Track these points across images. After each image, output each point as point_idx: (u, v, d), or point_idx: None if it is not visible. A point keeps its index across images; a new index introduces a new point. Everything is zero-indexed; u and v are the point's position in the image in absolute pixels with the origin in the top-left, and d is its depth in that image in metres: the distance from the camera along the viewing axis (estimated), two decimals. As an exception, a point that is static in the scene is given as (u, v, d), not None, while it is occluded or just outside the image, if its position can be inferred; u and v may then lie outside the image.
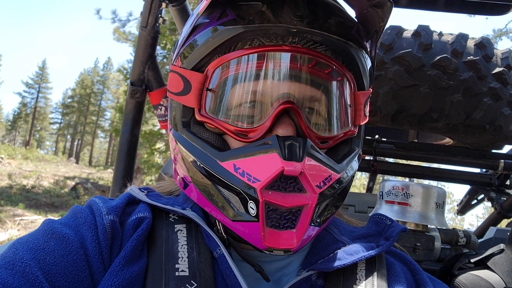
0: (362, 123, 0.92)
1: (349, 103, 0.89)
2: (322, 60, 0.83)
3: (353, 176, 0.92)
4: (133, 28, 19.70)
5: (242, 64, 0.82)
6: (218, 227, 0.87)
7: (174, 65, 0.92)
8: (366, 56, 0.91)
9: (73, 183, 22.68)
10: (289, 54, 0.81)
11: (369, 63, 0.92)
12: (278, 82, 0.81)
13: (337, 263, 0.83)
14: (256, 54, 0.81)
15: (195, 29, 0.87)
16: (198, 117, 0.86)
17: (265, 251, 0.77)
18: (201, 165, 0.83)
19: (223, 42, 0.82)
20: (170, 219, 0.90)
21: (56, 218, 0.87)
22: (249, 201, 0.76)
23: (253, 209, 0.76)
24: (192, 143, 0.85)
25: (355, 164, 0.90)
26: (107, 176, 28.32)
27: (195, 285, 0.77)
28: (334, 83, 0.86)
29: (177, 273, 0.78)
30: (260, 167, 0.76)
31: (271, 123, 0.79)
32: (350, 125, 0.90)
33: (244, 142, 0.82)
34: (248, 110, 0.83)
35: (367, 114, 0.94)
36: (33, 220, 13.43)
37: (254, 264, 0.83)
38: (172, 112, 0.92)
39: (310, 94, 0.83)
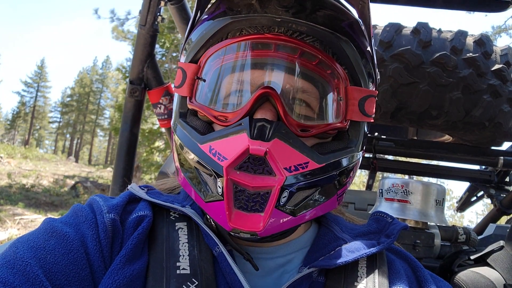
0: (355, 119, 0.89)
1: (339, 96, 0.87)
2: (308, 50, 0.83)
3: (348, 173, 0.89)
4: (132, 26, 19.69)
5: (228, 54, 0.86)
6: (208, 216, 0.88)
7: (179, 61, 0.96)
8: (363, 52, 0.89)
9: (73, 182, 22.67)
10: (271, 42, 0.82)
11: (366, 61, 0.90)
12: (260, 70, 0.83)
13: (338, 260, 0.83)
14: (240, 44, 0.84)
15: (194, 26, 0.92)
16: (189, 106, 0.90)
17: (231, 233, 0.78)
18: (186, 150, 0.86)
19: (214, 33, 0.86)
20: (171, 217, 0.90)
21: (56, 217, 0.87)
22: (218, 180, 0.78)
23: (220, 188, 0.77)
24: (183, 131, 0.88)
25: (346, 160, 0.87)
26: (106, 174, 28.32)
27: (196, 283, 0.77)
28: (321, 74, 0.85)
29: (178, 271, 0.78)
30: (229, 147, 0.78)
31: (250, 107, 0.80)
32: (338, 118, 0.88)
33: (224, 126, 0.83)
34: (232, 97, 0.85)
35: (368, 113, 0.90)
36: (33, 219, 13.43)
37: (243, 252, 0.84)
38: (174, 105, 0.96)
39: (293, 83, 0.83)
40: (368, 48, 0.90)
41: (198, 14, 0.92)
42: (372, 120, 0.93)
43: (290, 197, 0.79)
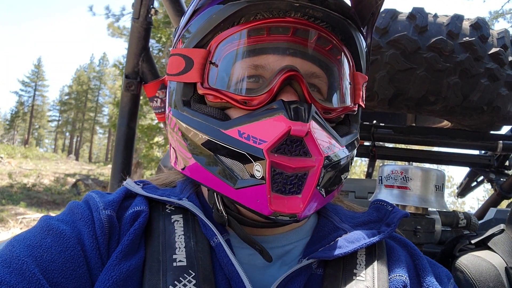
0: (360, 103, 0.93)
1: (348, 80, 0.91)
2: (324, 35, 0.85)
3: (353, 158, 0.92)
4: (127, 22, 19.59)
5: (246, 38, 0.84)
6: (219, 206, 0.86)
7: (175, 48, 0.93)
8: (362, 39, 0.93)
9: (74, 180, 22.71)
10: (293, 26, 0.83)
11: (365, 47, 0.94)
12: (282, 55, 0.83)
13: (337, 251, 0.83)
14: (260, 27, 0.83)
15: (196, 11, 0.89)
16: (200, 91, 0.85)
17: (271, 217, 0.76)
18: (203, 137, 0.82)
19: (226, 17, 0.83)
20: (167, 210, 0.89)
21: (52, 215, 0.87)
22: (255, 164, 0.76)
23: (259, 172, 0.75)
24: (194, 118, 0.84)
25: (353, 144, 0.91)
26: (107, 172, 28.33)
27: (193, 274, 0.77)
28: (335, 58, 0.88)
29: (174, 264, 0.78)
30: (266, 129, 0.76)
31: (277, 90, 0.80)
32: (350, 102, 0.91)
33: (247, 110, 0.81)
34: (253, 82, 0.84)
35: (364, 98, 0.95)
36: (35, 218, 13.46)
37: (256, 242, 0.82)
38: (171, 95, 0.92)
39: (312, 67, 0.85)
40: (370, 36, 0.94)
41: (197, 1, 0.89)
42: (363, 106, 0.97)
43: (325, 179, 0.81)
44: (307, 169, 0.76)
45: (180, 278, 0.76)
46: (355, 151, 0.92)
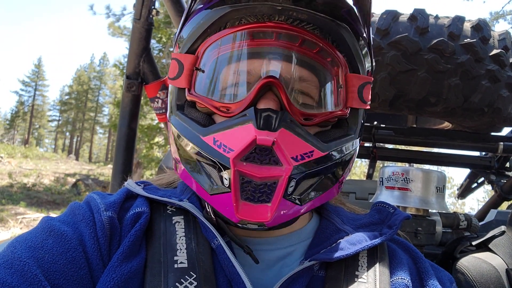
0: (355, 106, 0.89)
1: (339, 84, 0.88)
2: (309, 39, 0.83)
3: (349, 160, 0.90)
4: (127, 22, 19.59)
5: (228, 43, 0.84)
6: (208, 209, 0.87)
7: (173, 52, 0.95)
8: (360, 39, 0.89)
9: (74, 180, 22.68)
10: (273, 31, 0.82)
11: (364, 48, 0.91)
12: (262, 60, 0.82)
13: (339, 253, 0.83)
14: (240, 33, 0.83)
15: (189, 16, 0.90)
16: (188, 97, 0.88)
17: (238, 225, 0.77)
18: (187, 142, 0.84)
19: (212, 23, 0.85)
20: (168, 211, 0.89)
21: (55, 216, 0.87)
22: (224, 172, 0.77)
23: (227, 180, 0.76)
24: (182, 123, 0.86)
25: (348, 147, 0.88)
26: (107, 172, 28.33)
27: (194, 276, 0.77)
28: (322, 62, 0.85)
29: (176, 265, 0.78)
30: (235, 138, 0.77)
31: (254, 97, 0.79)
32: (339, 105, 0.88)
33: (227, 117, 0.82)
34: (233, 87, 0.84)
35: (366, 100, 0.91)
36: (35, 218, 13.45)
37: (243, 245, 0.83)
38: (170, 97, 0.94)
39: (296, 72, 0.83)
40: (365, 35, 0.90)
41: (193, 4, 0.90)
42: (369, 107, 0.94)
43: (296, 186, 0.79)
44: (275, 178, 0.76)
45: (181, 279, 0.76)
46: (350, 155, 0.90)
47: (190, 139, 0.83)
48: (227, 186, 0.77)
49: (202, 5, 0.88)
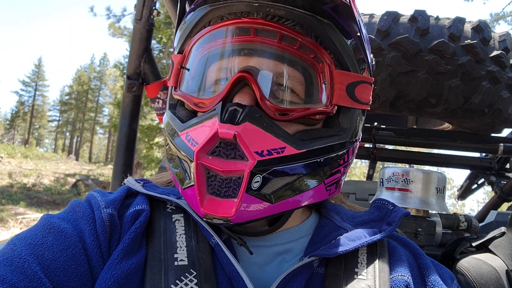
0: (345, 105, 0.87)
1: (324, 80, 0.85)
2: (288, 34, 0.82)
3: (334, 161, 0.86)
4: (128, 22, 19.61)
5: (208, 41, 0.87)
6: None
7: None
8: (349, 36, 0.86)
9: (74, 180, 22.69)
10: (251, 27, 0.82)
11: (354, 45, 0.88)
12: (239, 56, 0.84)
13: (339, 249, 0.83)
14: (219, 30, 0.85)
15: (181, 19, 0.94)
16: (174, 96, 0.91)
17: (204, 219, 0.77)
18: (170, 139, 0.87)
19: (196, 22, 0.87)
20: (168, 209, 0.90)
21: (54, 213, 0.87)
22: (191, 166, 0.78)
23: (192, 173, 0.77)
24: (169, 121, 0.89)
25: (331, 148, 0.84)
26: (107, 172, 28.34)
27: (195, 273, 0.77)
28: (303, 57, 0.84)
29: (176, 263, 0.78)
30: (201, 132, 0.79)
31: (227, 92, 0.80)
32: (321, 102, 0.85)
33: (203, 112, 0.84)
34: (211, 84, 0.86)
35: (360, 100, 0.88)
36: (35, 218, 13.45)
37: (236, 237, 0.83)
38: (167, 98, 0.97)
39: (272, 68, 0.83)
40: (358, 33, 0.87)
41: (186, 6, 0.92)
42: (368, 108, 0.92)
43: (265, 182, 0.77)
44: (239, 172, 0.75)
45: (182, 277, 0.76)
46: (339, 156, 0.87)
47: (171, 135, 0.86)
48: (192, 179, 0.78)
49: (191, 8, 0.91)
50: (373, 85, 0.93)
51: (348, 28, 0.85)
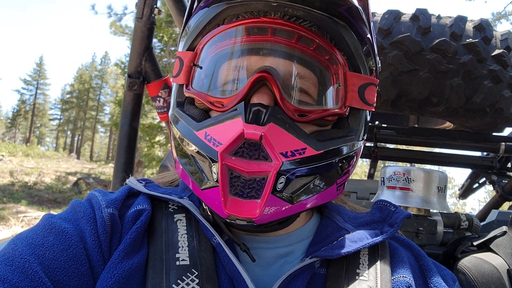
0: (354, 106, 0.88)
1: (338, 82, 0.86)
2: (305, 35, 0.82)
3: (345, 162, 0.87)
4: (129, 21, 19.61)
5: (224, 39, 0.85)
6: (205, 206, 0.87)
7: (178, 50, 0.96)
8: (362, 39, 0.88)
9: (75, 179, 22.71)
10: (270, 27, 0.81)
11: (366, 47, 0.89)
12: (257, 56, 0.83)
13: (340, 251, 0.83)
14: (236, 29, 0.84)
15: (190, 15, 0.92)
16: (186, 93, 0.89)
17: (227, 220, 0.77)
18: (182, 137, 0.85)
19: (209, 20, 0.86)
20: (170, 209, 0.89)
21: (55, 213, 0.87)
22: (213, 166, 0.77)
23: (215, 174, 0.76)
24: (180, 119, 0.87)
25: (344, 149, 0.85)
26: (108, 170, 28.36)
27: (196, 273, 0.77)
28: (319, 59, 0.84)
29: (177, 263, 0.78)
30: (225, 132, 0.77)
31: (247, 92, 0.79)
32: (336, 104, 0.87)
33: (221, 111, 0.82)
34: (228, 83, 0.84)
35: (368, 101, 0.89)
36: (36, 217, 13.47)
37: (239, 243, 0.83)
38: (172, 95, 0.95)
39: (291, 68, 0.82)
40: (368, 35, 0.88)
41: (196, 2, 0.90)
42: (373, 109, 0.92)
43: (287, 183, 0.78)
44: (264, 173, 0.75)
45: (183, 277, 0.76)
46: (350, 157, 0.88)
47: (185, 134, 0.84)
48: (215, 180, 0.76)
49: (203, 3, 0.88)
50: (376, 86, 0.93)
51: (360, 30, 0.86)
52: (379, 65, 0.98)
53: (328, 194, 0.87)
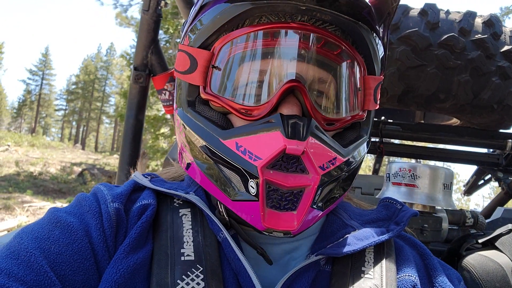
0: (371, 109, 0.89)
1: (358, 86, 0.87)
2: (332, 40, 0.81)
3: (361, 162, 0.90)
4: (135, 12, 19.59)
5: (249, 42, 0.81)
6: (220, 209, 0.86)
7: (182, 44, 0.92)
8: (378, 40, 0.88)
9: (80, 169, 22.84)
10: (298, 32, 0.80)
11: (381, 49, 0.90)
12: (285, 61, 0.80)
13: (346, 249, 0.82)
14: (263, 32, 0.80)
15: (203, 8, 0.87)
16: (203, 95, 0.85)
17: (264, 232, 0.77)
18: (204, 144, 0.82)
19: (230, 19, 0.81)
20: (175, 204, 0.89)
21: (62, 205, 0.87)
22: (250, 180, 0.76)
23: (254, 188, 0.75)
24: (196, 122, 0.84)
25: (362, 150, 0.89)
26: (113, 161, 28.48)
27: (201, 269, 0.76)
28: (343, 64, 0.84)
29: (182, 258, 0.78)
30: (262, 145, 0.75)
31: (276, 101, 0.78)
32: (358, 109, 0.88)
33: (247, 120, 0.81)
34: (254, 89, 0.81)
35: (378, 101, 0.91)
36: (41, 207, 13.58)
37: (257, 246, 0.83)
38: (178, 91, 0.92)
39: (318, 75, 0.81)
40: (386, 38, 0.90)
41: None
42: (378, 106, 0.93)
43: (322, 194, 0.80)
44: (302, 187, 0.75)
45: (188, 272, 0.75)
46: (363, 155, 0.90)
47: (207, 139, 0.82)
48: (253, 194, 0.75)
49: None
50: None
51: (378, 31, 0.86)
52: (386, 62, 0.98)
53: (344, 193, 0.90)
